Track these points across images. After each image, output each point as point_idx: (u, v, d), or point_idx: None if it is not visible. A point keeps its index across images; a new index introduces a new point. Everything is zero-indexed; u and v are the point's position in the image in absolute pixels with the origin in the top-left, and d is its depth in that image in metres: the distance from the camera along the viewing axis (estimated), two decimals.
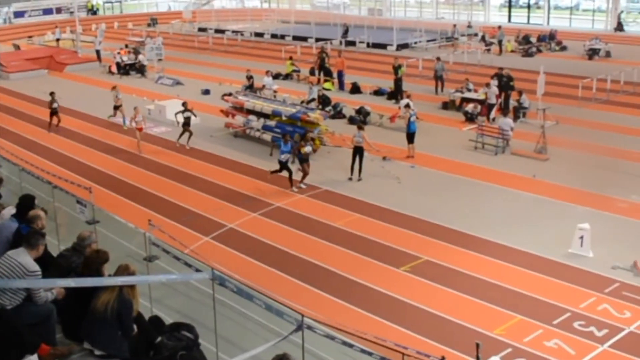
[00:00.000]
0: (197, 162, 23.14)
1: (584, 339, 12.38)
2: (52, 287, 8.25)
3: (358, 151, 20.80)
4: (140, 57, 40.01)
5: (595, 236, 15.68)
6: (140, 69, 39.45)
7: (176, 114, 25.07)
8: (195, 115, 25.13)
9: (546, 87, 26.82)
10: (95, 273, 8.20)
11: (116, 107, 27.85)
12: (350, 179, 20.87)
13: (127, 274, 8.07)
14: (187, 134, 24.55)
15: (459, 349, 11.68)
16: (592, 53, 41.58)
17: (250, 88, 31.18)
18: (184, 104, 25.05)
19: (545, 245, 16.02)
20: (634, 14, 55.29)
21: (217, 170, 22.30)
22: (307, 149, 20.21)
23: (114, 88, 28.44)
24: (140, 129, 24.54)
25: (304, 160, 20.26)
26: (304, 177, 20.35)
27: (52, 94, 27.31)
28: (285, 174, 20.35)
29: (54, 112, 27.17)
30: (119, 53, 40.51)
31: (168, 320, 9.48)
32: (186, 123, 24.56)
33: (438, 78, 32.10)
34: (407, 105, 23.89)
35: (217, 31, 56.11)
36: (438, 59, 32.77)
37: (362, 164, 20.76)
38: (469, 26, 50.69)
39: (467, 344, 10.54)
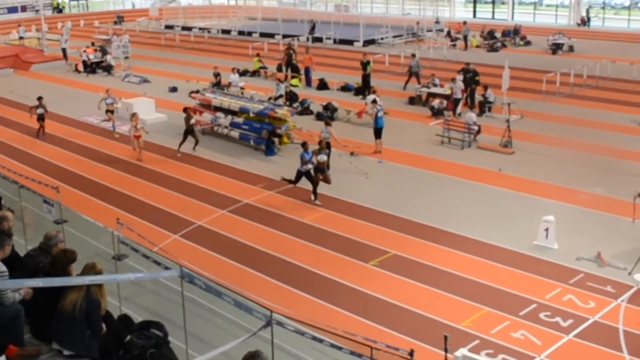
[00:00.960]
0: (165, 160, 23.04)
1: (549, 329, 12.58)
2: (20, 288, 8.19)
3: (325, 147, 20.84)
4: (108, 57, 39.64)
5: (560, 228, 15.94)
6: (107, 68, 39.11)
7: (189, 122, 23.31)
8: (198, 123, 23.98)
9: (511, 81, 27.12)
10: (62, 272, 8.16)
11: (109, 112, 26.39)
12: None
13: (93, 272, 8.04)
14: (189, 140, 23.24)
15: (428, 342, 11.81)
16: (556, 48, 42.14)
17: (217, 85, 31.11)
18: (185, 110, 23.55)
19: (511, 237, 16.24)
20: (596, 9, 56.11)
21: (185, 167, 22.21)
22: (322, 157, 19.07)
23: (107, 91, 26.92)
24: (138, 137, 23.00)
25: (320, 170, 19.04)
26: (315, 189, 18.97)
27: (39, 98, 25.64)
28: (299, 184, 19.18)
29: (40, 118, 25.56)
30: (85, 51, 40.09)
31: (137, 318, 9.47)
32: (190, 130, 23.22)
33: (414, 74, 32.29)
34: (374, 101, 24.02)
35: (184, 28, 55.84)
36: (413, 55, 33.10)
37: (329, 160, 20.81)
38: (437, 22, 51.05)
39: (436, 337, 10.67)
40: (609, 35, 49.33)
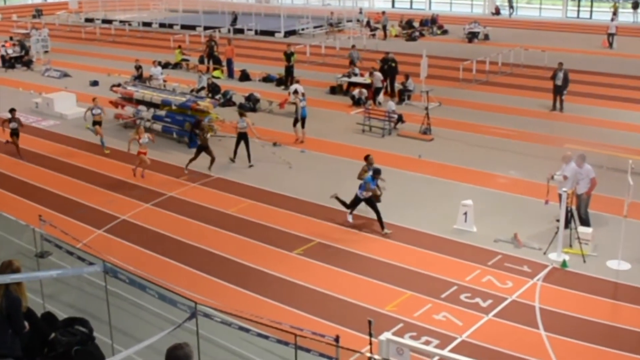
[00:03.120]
0: (87, 154, 22.63)
1: (470, 310, 12.98)
2: None
3: (242, 137, 21.02)
4: (31, 53, 38.53)
5: (478, 212, 16.45)
6: (26, 62, 38.01)
7: (203, 137, 20.89)
8: (215, 133, 20.99)
9: (429, 69, 27.69)
10: None
11: (98, 124, 23.09)
12: (233, 161, 21.22)
13: (10, 271, 7.90)
14: (205, 158, 20.46)
15: (353, 327, 12.01)
16: (472, 36, 43.15)
17: (139, 78, 30.69)
18: (198, 124, 21.33)
19: (431, 222, 16.67)
20: None
21: (108, 162, 21.88)
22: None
23: (93, 100, 23.58)
24: (143, 153, 20.17)
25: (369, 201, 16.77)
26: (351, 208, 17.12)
27: (12, 111, 22.53)
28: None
29: (14, 133, 22.31)
30: (3, 46, 38.79)
31: (62, 315, 9.36)
32: (204, 147, 20.59)
33: (352, 64, 32.50)
34: (296, 91, 24.17)
35: (105, 21, 54.73)
36: (353, 46, 33.23)
37: (249, 150, 20.91)
38: (360, 12, 51.56)
39: (361, 322, 10.86)
40: (522, 23, 50.77)
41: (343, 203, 17.05)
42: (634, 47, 39.51)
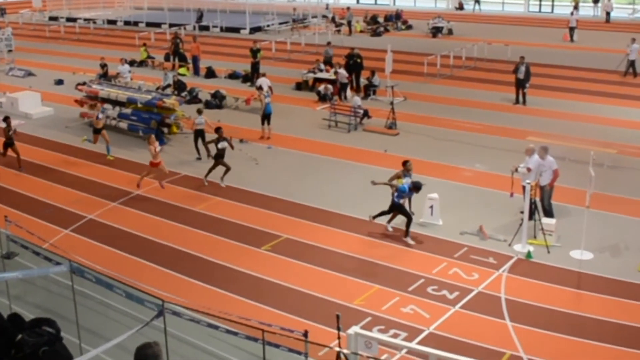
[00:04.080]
0: (53, 153, 22.39)
1: (437, 302, 13.13)
2: None
3: (199, 134, 21.16)
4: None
5: (444, 205, 16.63)
6: None
7: (208, 143, 20.25)
8: (232, 147, 19.35)
9: (394, 64, 27.88)
10: None
11: (97, 131, 21.81)
12: (199, 158, 21.24)
13: None
14: (221, 168, 19.23)
15: (322, 322, 12.09)
16: (436, 31, 43.46)
17: (104, 76, 30.43)
18: (217, 130, 19.47)
19: (398, 216, 16.75)
20: None
21: (74, 161, 21.67)
22: (405, 180, 16.23)
23: (93, 107, 22.99)
24: (157, 165, 18.98)
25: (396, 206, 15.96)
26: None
27: (6, 119, 21.19)
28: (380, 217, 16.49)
29: (9, 144, 20.83)
30: None
31: (29, 316, 9.28)
32: (220, 155, 19.27)
33: (327, 62, 32.48)
34: (260, 87, 24.16)
35: (69, 20, 54.16)
36: (329, 43, 33.23)
37: (207, 146, 20.98)
38: (327, 8, 51.63)
39: (329, 317, 10.94)
40: (485, 18, 51.29)
41: (382, 213, 16.05)
42: (594, 40, 40.11)
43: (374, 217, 16.18)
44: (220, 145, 19.11)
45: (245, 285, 13.90)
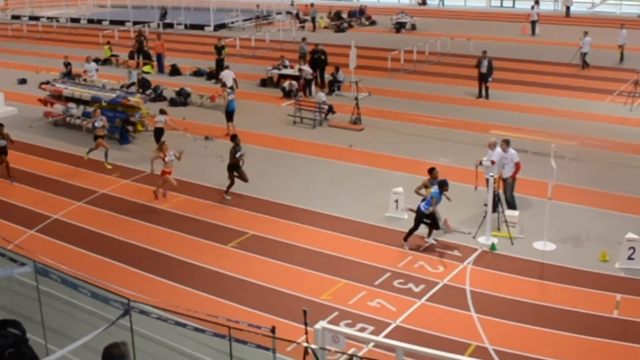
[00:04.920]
0: (16, 153, 21.94)
1: (403, 295, 13.26)
2: None
3: (159, 132, 21.21)
4: None
5: (409, 199, 16.73)
6: None
7: (234, 155, 18.14)
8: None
9: (358, 60, 27.93)
10: None
11: (98, 137, 20.74)
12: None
13: None
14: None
15: (289, 318, 12.13)
16: (399, 26, 43.71)
17: (68, 75, 30.07)
18: (233, 138, 18.38)
19: (364, 211, 16.90)
20: None
21: (38, 160, 21.45)
22: (433, 189, 15.67)
23: (94, 112, 21.30)
24: (168, 173, 18.03)
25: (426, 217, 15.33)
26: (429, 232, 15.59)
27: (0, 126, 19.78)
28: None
29: (2, 152, 19.73)
30: None
31: None
32: (235, 166, 18.18)
33: (302, 57, 32.40)
34: (224, 84, 24.10)
35: (32, 18, 53.59)
36: (304, 39, 33.19)
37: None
38: (292, 4, 51.58)
39: (297, 312, 10.96)
40: (448, 13, 51.71)
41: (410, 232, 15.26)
42: (555, 34, 40.65)
43: (405, 238, 15.22)
44: (238, 155, 18.03)
45: (213, 282, 13.90)
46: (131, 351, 6.71)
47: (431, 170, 16.15)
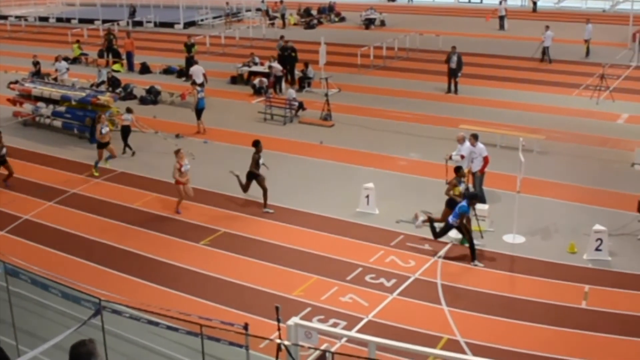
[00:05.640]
0: None
1: (375, 290, 13.35)
2: None
3: (126, 130, 21.29)
4: None
5: (380, 194, 16.86)
6: None
7: (257, 163, 17.26)
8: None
9: (328, 56, 27.99)
10: None
11: (101, 146, 19.82)
12: (125, 152, 21.28)
13: None
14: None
15: (261, 314, 12.15)
16: (369, 23, 43.86)
17: (37, 74, 29.74)
18: (256, 144, 17.43)
19: (335, 206, 16.97)
20: None
21: (8, 160, 21.15)
22: (462, 187, 15.51)
23: (99, 118, 20.29)
24: (183, 184, 17.12)
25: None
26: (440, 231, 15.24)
27: None
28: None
29: (2, 162, 19.14)
30: None
31: None
32: (254, 174, 17.28)
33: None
34: (193, 83, 24.04)
35: (0, 17, 52.70)
36: (282, 37, 33.02)
37: (128, 141, 21.30)
38: (262, 1, 51.50)
39: (269, 309, 10.98)
40: (417, 9, 51.99)
41: (433, 230, 15.09)
42: (522, 29, 41.01)
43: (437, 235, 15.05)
44: (261, 162, 17.24)
45: (185, 280, 13.87)
46: (101, 349, 6.69)
47: (457, 170, 15.71)
